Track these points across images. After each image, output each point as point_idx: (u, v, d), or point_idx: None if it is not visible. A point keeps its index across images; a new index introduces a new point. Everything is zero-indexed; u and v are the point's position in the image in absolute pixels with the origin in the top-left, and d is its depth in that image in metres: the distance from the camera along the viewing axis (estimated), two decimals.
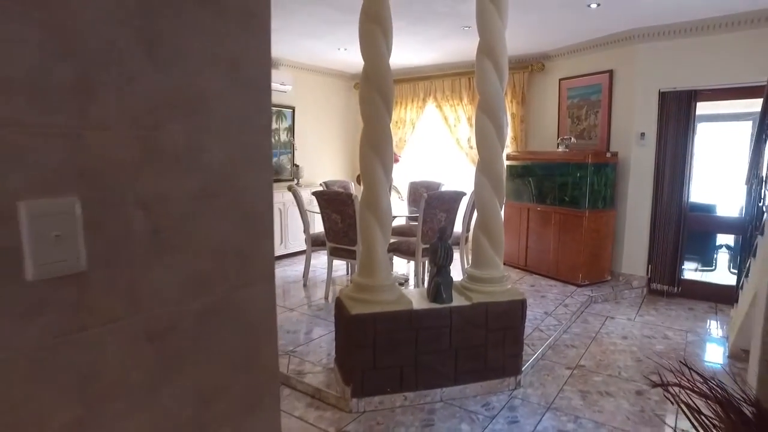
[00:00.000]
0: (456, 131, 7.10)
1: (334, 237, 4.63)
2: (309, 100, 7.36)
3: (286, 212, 6.51)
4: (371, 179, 2.90)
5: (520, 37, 5.58)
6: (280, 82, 6.57)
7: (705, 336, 4.19)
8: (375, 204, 2.90)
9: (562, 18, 4.83)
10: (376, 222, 2.91)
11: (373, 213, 2.90)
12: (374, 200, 2.90)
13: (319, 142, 7.64)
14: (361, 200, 2.99)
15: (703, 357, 3.84)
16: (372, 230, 2.91)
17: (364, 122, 2.95)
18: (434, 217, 4.59)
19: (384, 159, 2.89)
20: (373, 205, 2.90)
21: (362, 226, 2.96)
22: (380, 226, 2.92)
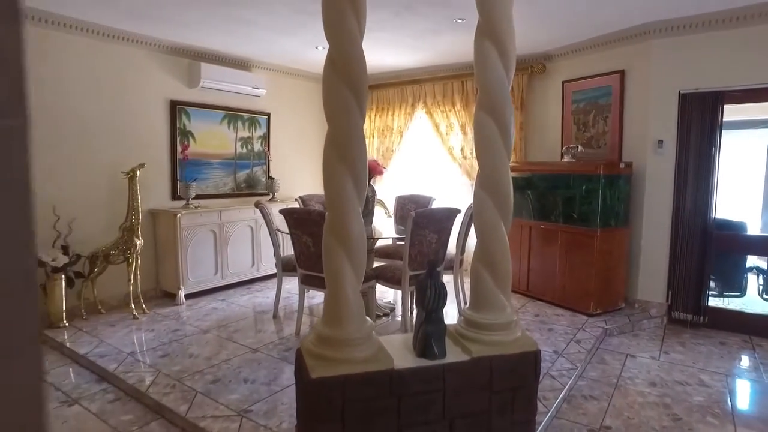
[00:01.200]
0: (448, 140, 6.44)
1: (306, 263, 3.93)
2: (286, 106, 6.69)
3: (258, 230, 5.80)
4: (337, 197, 2.22)
5: (518, 36, 4.92)
6: (252, 85, 5.90)
7: (748, 380, 3.51)
8: (343, 230, 2.21)
9: (566, 12, 4.21)
10: (345, 254, 2.21)
11: (341, 242, 2.21)
12: (342, 225, 2.21)
13: (297, 152, 6.96)
14: (325, 225, 2.30)
15: (756, 412, 3.15)
16: (339, 265, 2.22)
17: (328, 122, 2.27)
18: (423, 238, 3.90)
19: (355, 170, 2.21)
20: (341, 231, 2.21)
21: (327, 260, 2.27)
22: (350, 260, 2.22)
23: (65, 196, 4.51)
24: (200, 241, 5.20)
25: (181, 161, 5.40)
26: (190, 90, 5.50)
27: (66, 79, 4.52)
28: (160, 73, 5.23)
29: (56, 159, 4.46)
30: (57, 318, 4.37)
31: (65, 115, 4.52)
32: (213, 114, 5.74)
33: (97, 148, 4.75)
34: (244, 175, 6.18)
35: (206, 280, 5.31)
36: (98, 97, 4.75)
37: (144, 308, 4.76)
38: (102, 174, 4.78)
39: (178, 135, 5.39)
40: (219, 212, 5.38)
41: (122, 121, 4.93)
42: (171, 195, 5.39)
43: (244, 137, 6.14)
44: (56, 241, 4.34)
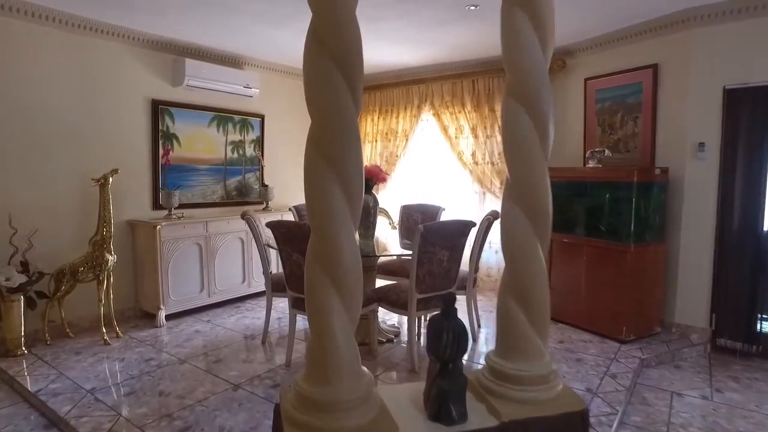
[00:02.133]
0: (458, 144, 5.90)
1: (297, 284, 3.38)
2: (281, 107, 6.17)
3: (249, 243, 5.26)
4: (323, 212, 1.68)
5: None
6: (244, 84, 5.38)
7: None
8: (330, 256, 1.67)
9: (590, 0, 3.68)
10: (334, 288, 1.67)
11: (328, 272, 1.67)
12: (329, 250, 1.67)
13: (294, 158, 6.39)
14: (308, 250, 1.76)
15: None
16: (325, 302, 1.68)
17: (310, 112, 1.73)
18: (433, 256, 3.35)
19: (346, 176, 1.67)
20: (328, 257, 1.67)
21: (310, 295, 1.73)
22: (341, 296, 1.68)
23: (25, 206, 3.99)
24: (184, 255, 4.66)
25: (164, 167, 4.88)
26: (174, 89, 4.99)
27: (32, 75, 4.01)
28: (140, 70, 4.73)
29: (14, 162, 3.95)
30: (14, 344, 3.84)
31: (28, 114, 4.01)
32: (200, 115, 5.23)
33: (66, 152, 4.23)
34: (235, 182, 5.65)
35: (190, 298, 4.77)
36: (68, 95, 4.24)
37: (118, 332, 4.23)
38: (71, 181, 4.26)
39: (161, 138, 4.87)
40: (205, 223, 4.85)
41: (97, 122, 4.42)
42: (152, 204, 4.87)
43: (235, 141, 5.62)
44: (13, 258, 3.82)
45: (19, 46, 3.94)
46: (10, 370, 3.55)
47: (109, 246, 4.06)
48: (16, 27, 3.92)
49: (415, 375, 3.43)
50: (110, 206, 4.06)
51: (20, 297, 3.81)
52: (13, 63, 3.92)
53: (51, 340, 4.08)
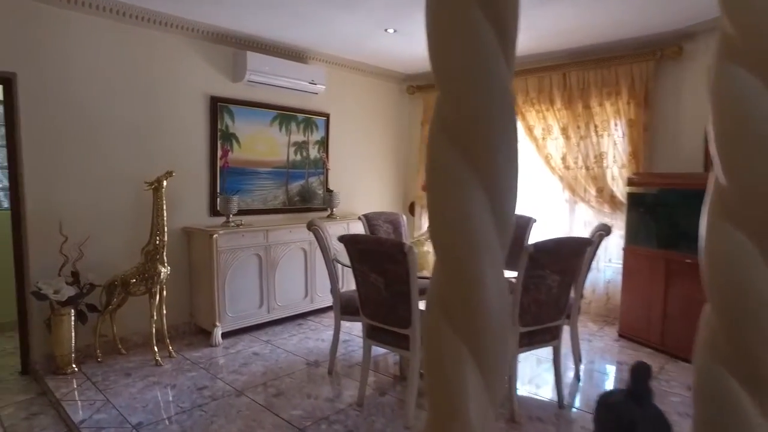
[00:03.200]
0: (545, 146, 5.21)
1: (374, 311, 2.84)
2: (347, 105, 5.69)
3: (313, 254, 4.79)
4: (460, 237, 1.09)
5: (640, 8, 3.71)
6: (308, 79, 4.93)
7: None
8: (469, 308, 1.07)
9: None
10: (471, 355, 1.08)
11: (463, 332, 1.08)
12: (467, 296, 1.07)
13: (361, 161, 5.93)
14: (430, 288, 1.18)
15: None
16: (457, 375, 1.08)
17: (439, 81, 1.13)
18: (542, 282, 2.71)
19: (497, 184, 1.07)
20: (464, 310, 1.08)
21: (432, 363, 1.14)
22: (480, 366, 1.08)
23: (76, 211, 3.66)
24: (242, 267, 4.24)
25: (222, 169, 4.49)
26: (234, 85, 4.60)
27: (87, 70, 3.70)
28: (199, 65, 4.36)
29: (65, 164, 3.64)
30: (65, 361, 3.51)
31: (82, 112, 3.69)
32: (261, 114, 4.81)
33: (120, 153, 3.90)
34: (298, 186, 5.20)
35: (248, 314, 4.34)
36: (124, 91, 3.90)
37: (171, 351, 3.83)
38: (124, 184, 3.92)
39: (219, 138, 4.48)
40: (266, 232, 4.40)
41: (152, 121, 4.07)
42: (209, 210, 4.48)
43: (299, 142, 5.17)
44: (63, 268, 3.49)
45: (75, 39, 3.63)
46: (57, 392, 3.22)
47: (162, 256, 3.67)
48: (71, 18, 3.62)
49: (515, 426, 2.80)
50: (164, 212, 3.67)
51: (70, 310, 3.48)
52: (69, 57, 3.61)
53: (102, 357, 3.74)
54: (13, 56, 3.39)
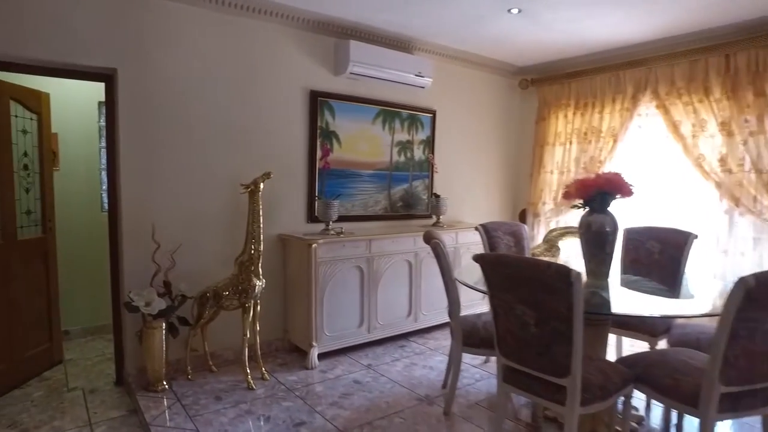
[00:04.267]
0: (695, 145, 4.31)
1: (517, 351, 2.22)
2: (454, 101, 5.11)
3: (418, 266, 4.25)
4: None
5: None
6: (415, 72, 4.40)
7: None
8: None
9: None
10: None
11: None
12: None
13: (467, 163, 5.32)
14: None
15: None
16: None
17: None
18: (758, 326, 1.96)
19: None
20: None
21: None
22: None
23: (168, 217, 3.37)
24: (342, 280, 3.78)
25: (321, 171, 4.07)
26: (335, 78, 4.17)
27: (179, 65, 3.41)
28: (298, 56, 3.97)
29: (158, 167, 3.36)
30: (156, 377, 3.22)
31: (175, 111, 3.41)
32: (363, 110, 4.35)
33: (213, 153, 3.58)
34: (401, 191, 4.69)
35: (347, 334, 3.87)
36: (220, 85, 3.58)
37: (264, 372, 3.44)
38: (218, 186, 3.59)
39: (319, 136, 4.06)
40: (368, 242, 3.91)
41: (248, 119, 3.73)
42: (307, 216, 4.07)
43: (403, 141, 4.66)
44: (155, 277, 3.19)
45: (173, 31, 3.36)
46: (148, 413, 2.92)
47: (257, 268, 3.28)
48: (171, 9, 3.34)
49: None
50: (260, 218, 3.28)
51: (162, 324, 3.17)
52: (167, 51, 3.34)
53: (193, 373, 3.43)
54: (114, 51, 3.15)
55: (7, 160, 3.33)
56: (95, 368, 3.75)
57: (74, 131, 4.25)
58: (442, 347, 4.12)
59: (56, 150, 4.14)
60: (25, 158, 3.53)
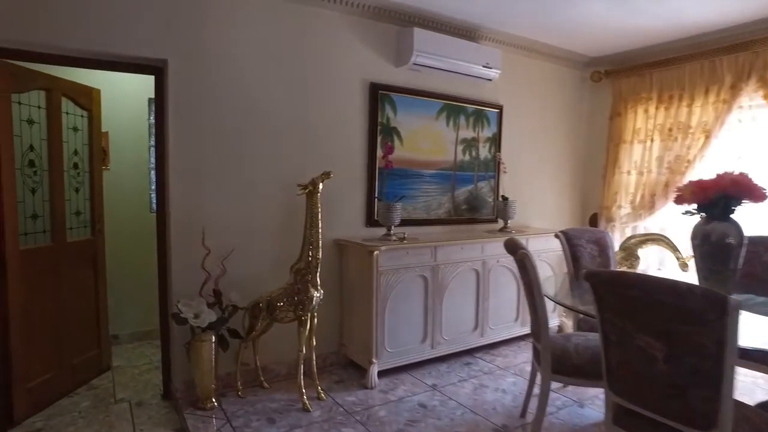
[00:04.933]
0: None
1: (636, 389, 1.80)
2: (521, 96, 4.68)
3: (486, 275, 3.86)
4: None
5: None
6: (483, 63, 4.01)
7: None
8: None
9: None
10: None
11: None
12: None
13: (534, 163, 4.87)
14: None
15: None
16: None
17: None
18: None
19: None
20: None
21: None
22: None
23: (218, 220, 3.12)
24: (405, 291, 3.43)
25: (382, 170, 3.74)
26: (396, 70, 3.83)
27: (230, 55, 3.15)
28: (357, 46, 3.65)
29: (209, 166, 3.11)
30: (205, 394, 2.97)
31: (226, 106, 3.15)
32: (426, 104, 3.99)
33: (267, 150, 3.30)
34: (465, 192, 4.30)
35: (410, 350, 3.52)
36: (273, 77, 3.31)
37: (320, 392, 3.13)
38: (272, 187, 3.32)
39: (380, 133, 3.74)
40: (434, 249, 3.55)
41: (304, 114, 3.44)
42: (365, 219, 3.75)
43: (468, 139, 4.28)
44: (205, 286, 2.94)
45: (225, 17, 3.10)
46: None
47: (315, 277, 2.97)
48: None
49: None
50: (319, 223, 2.98)
51: (211, 336, 2.92)
52: (218, 41, 3.09)
53: (243, 389, 3.16)
54: (164, 40, 2.92)
55: (58, 159, 3.17)
56: (142, 377, 3.56)
57: (124, 129, 4.09)
58: (512, 366, 3.71)
59: (106, 148, 3.99)
60: (75, 156, 3.37)
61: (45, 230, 3.11)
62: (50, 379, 3.10)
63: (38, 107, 3.06)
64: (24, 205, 2.96)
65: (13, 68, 2.81)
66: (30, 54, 2.72)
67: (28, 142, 3.00)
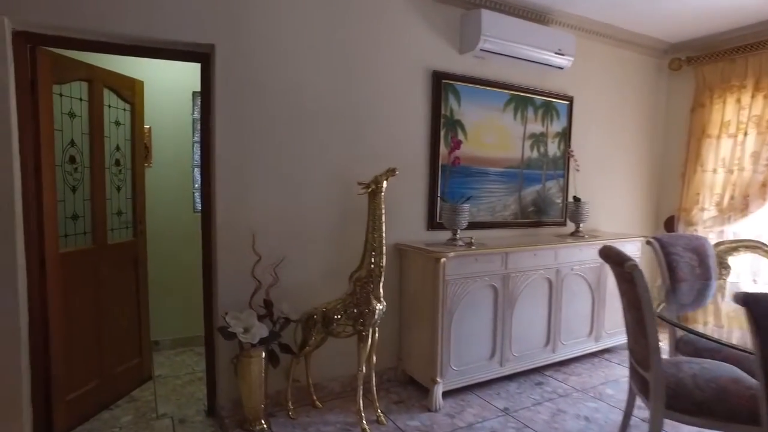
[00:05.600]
0: None
1: None
2: (594, 86, 4.24)
3: (559, 285, 3.46)
4: None
5: None
6: (555, 48, 3.61)
7: None
8: None
9: None
10: None
11: None
12: None
13: (605, 160, 4.42)
14: None
15: None
16: None
17: None
18: None
19: None
20: None
21: None
22: None
23: (268, 222, 2.83)
24: (473, 302, 3.07)
25: (445, 167, 3.39)
26: (460, 57, 3.47)
27: (282, 41, 2.85)
28: (418, 30, 3.31)
29: (259, 162, 2.82)
30: (253, 414, 2.68)
31: (278, 97, 2.86)
32: (493, 95, 3.61)
33: (321, 147, 2.99)
34: (533, 192, 3.90)
35: (476, 368, 3.15)
36: (326, 65, 3.00)
37: (379, 415, 2.80)
38: (326, 187, 3.01)
39: (443, 126, 3.38)
40: (504, 255, 3.17)
41: (361, 105, 3.12)
42: (426, 222, 3.40)
43: (536, 133, 3.88)
44: (255, 296, 2.65)
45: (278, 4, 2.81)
46: None
47: (378, 287, 2.64)
48: None
49: None
50: (383, 226, 2.64)
51: (261, 352, 2.63)
52: (269, 24, 2.80)
53: (294, 409, 2.86)
54: (211, 22, 2.64)
55: (100, 155, 2.95)
56: (185, 390, 3.31)
57: (166, 124, 3.87)
58: (589, 388, 3.30)
59: (149, 144, 3.77)
60: (117, 153, 3.15)
61: (85, 231, 2.89)
62: (91, 390, 2.89)
63: (80, 99, 2.85)
64: (64, 205, 2.74)
65: (55, 57, 2.59)
66: (71, 41, 2.49)
67: (69, 136, 2.79)
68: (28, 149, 2.43)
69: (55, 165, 2.62)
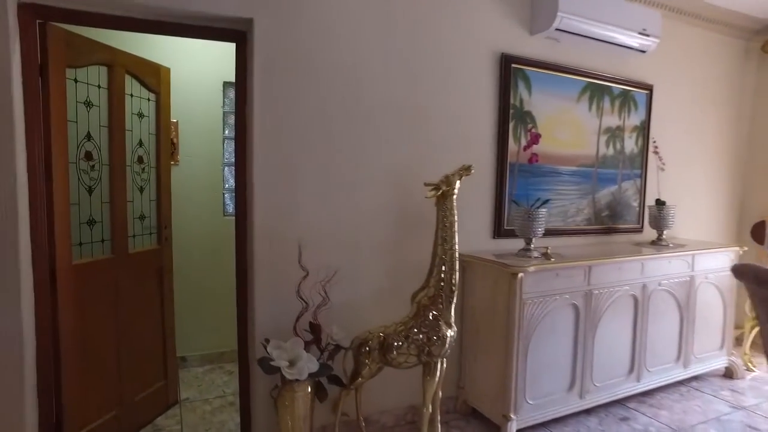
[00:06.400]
0: None
1: None
2: (674, 73, 3.72)
3: (645, 303, 2.96)
4: None
5: None
6: (639, 28, 3.11)
7: None
8: None
9: None
10: None
11: None
12: None
13: (687, 158, 3.89)
14: None
15: None
16: None
17: None
18: None
19: None
20: None
21: None
22: None
23: (313, 231, 2.40)
24: (551, 324, 2.59)
25: (513, 166, 2.92)
26: (531, 38, 3.00)
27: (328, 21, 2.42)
28: (484, 6, 2.84)
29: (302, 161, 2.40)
30: None
31: (324, 84, 2.43)
32: (565, 83, 3.13)
33: (374, 143, 2.55)
34: (608, 194, 3.41)
35: (553, 400, 2.67)
36: (379, 51, 2.55)
37: None
38: (381, 190, 2.57)
39: (512, 118, 2.92)
40: (587, 269, 2.69)
41: (417, 93, 2.67)
42: (493, 229, 2.94)
43: (612, 127, 3.38)
44: (301, 318, 2.22)
45: None
46: None
47: (449, 310, 2.19)
48: None
49: None
50: (455, 235, 2.19)
51: (308, 386, 2.20)
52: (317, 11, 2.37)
53: None
54: None
55: (121, 151, 2.57)
56: (215, 418, 2.91)
57: (195, 117, 3.48)
58: (687, 427, 2.79)
59: (176, 140, 3.39)
60: (140, 149, 2.76)
61: (103, 239, 2.50)
62: (109, 421, 2.53)
63: (98, 87, 2.46)
64: (78, 209, 2.36)
65: (69, 36, 2.21)
66: (89, 16, 2.11)
67: (85, 129, 2.40)
68: (36, 144, 2.05)
69: (69, 162, 2.24)
